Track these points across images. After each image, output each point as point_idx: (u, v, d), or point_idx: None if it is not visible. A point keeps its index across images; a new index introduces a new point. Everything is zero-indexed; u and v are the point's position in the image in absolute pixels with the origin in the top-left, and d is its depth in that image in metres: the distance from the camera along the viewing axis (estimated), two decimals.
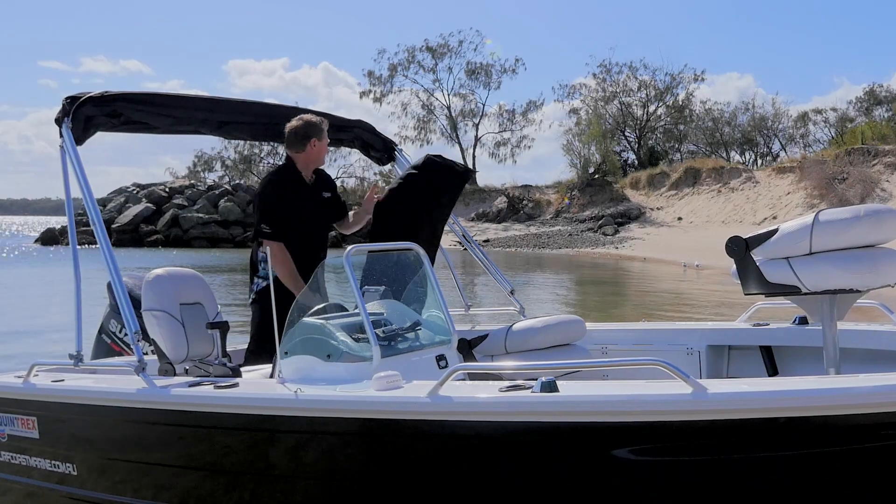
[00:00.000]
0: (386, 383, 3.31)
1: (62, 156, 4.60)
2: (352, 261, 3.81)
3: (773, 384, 3.16)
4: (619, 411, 2.93)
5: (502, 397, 3.09)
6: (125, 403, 3.99)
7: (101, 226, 4.38)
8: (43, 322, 14.58)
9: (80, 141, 4.64)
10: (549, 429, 3.02)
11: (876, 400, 2.73)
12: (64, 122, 4.62)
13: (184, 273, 4.83)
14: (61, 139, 4.62)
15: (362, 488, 3.43)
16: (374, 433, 3.33)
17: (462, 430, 3.16)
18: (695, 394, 2.83)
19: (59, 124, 4.66)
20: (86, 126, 4.67)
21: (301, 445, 3.52)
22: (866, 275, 3.71)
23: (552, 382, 3.02)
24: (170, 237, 48.88)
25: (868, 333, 4.49)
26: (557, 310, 16.54)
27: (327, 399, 3.43)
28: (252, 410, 3.60)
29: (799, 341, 4.67)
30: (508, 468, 3.14)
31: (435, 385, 3.20)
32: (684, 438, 2.87)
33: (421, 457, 3.28)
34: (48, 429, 4.39)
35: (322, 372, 3.63)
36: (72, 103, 4.61)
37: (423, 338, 3.98)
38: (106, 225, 4.55)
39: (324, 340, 3.69)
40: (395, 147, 6.15)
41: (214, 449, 3.76)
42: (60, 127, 4.64)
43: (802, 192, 41.28)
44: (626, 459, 2.95)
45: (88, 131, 4.71)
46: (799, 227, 3.71)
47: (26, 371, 4.48)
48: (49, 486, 4.44)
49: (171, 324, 4.53)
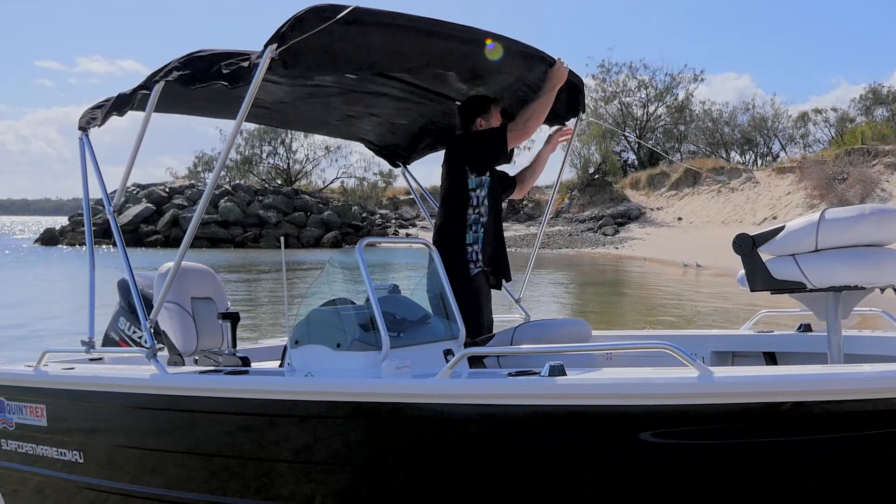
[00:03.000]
0: (395, 369, 3.35)
1: (81, 154, 4.68)
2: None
3: (778, 370, 3.21)
4: (627, 394, 2.97)
5: (511, 380, 3.13)
6: (137, 389, 4.02)
7: (115, 220, 4.53)
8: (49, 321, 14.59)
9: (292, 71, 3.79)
10: (557, 412, 3.06)
11: (879, 386, 2.77)
12: (87, 131, 4.72)
13: (196, 268, 4.89)
14: (80, 142, 4.70)
15: (372, 472, 3.46)
16: (384, 417, 3.36)
17: (471, 414, 3.19)
18: (701, 377, 2.88)
19: (86, 127, 4.73)
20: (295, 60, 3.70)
21: (311, 430, 3.55)
22: (871, 271, 3.74)
23: (560, 367, 3.06)
24: (170, 237, 48.85)
25: (872, 339, 4.52)
26: (557, 310, 16.56)
27: (336, 384, 3.47)
28: (262, 395, 3.63)
29: (802, 348, 4.70)
30: (517, 452, 3.17)
31: (445, 369, 3.24)
32: (691, 422, 2.91)
33: (430, 441, 3.31)
34: (56, 416, 4.41)
35: (331, 361, 3.66)
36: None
37: (431, 331, 4.01)
38: (106, 225, 4.62)
39: (334, 329, 3.72)
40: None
41: (224, 434, 3.78)
42: (87, 129, 4.72)
43: (802, 193, 41.32)
44: (632, 443, 2.98)
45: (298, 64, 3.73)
46: (805, 224, 3.74)
47: (37, 360, 4.52)
48: (55, 474, 4.46)
49: (183, 316, 4.59)
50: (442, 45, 4.13)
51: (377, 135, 5.75)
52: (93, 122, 4.73)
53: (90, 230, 4.75)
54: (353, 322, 3.72)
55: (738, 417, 2.86)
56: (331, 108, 5.10)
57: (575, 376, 3.07)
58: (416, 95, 4.97)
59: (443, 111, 5.25)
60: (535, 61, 4.61)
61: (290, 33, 3.62)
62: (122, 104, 4.51)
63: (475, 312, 4.51)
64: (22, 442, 4.60)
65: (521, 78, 4.75)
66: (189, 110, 5.13)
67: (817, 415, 2.81)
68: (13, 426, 4.62)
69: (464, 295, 4.26)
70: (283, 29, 3.65)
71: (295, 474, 3.62)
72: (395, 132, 5.68)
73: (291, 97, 4.77)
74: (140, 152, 4.50)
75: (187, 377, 3.95)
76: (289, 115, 5.25)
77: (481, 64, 4.34)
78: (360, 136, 5.83)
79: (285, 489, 3.65)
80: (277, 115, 5.22)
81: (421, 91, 4.92)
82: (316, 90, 4.68)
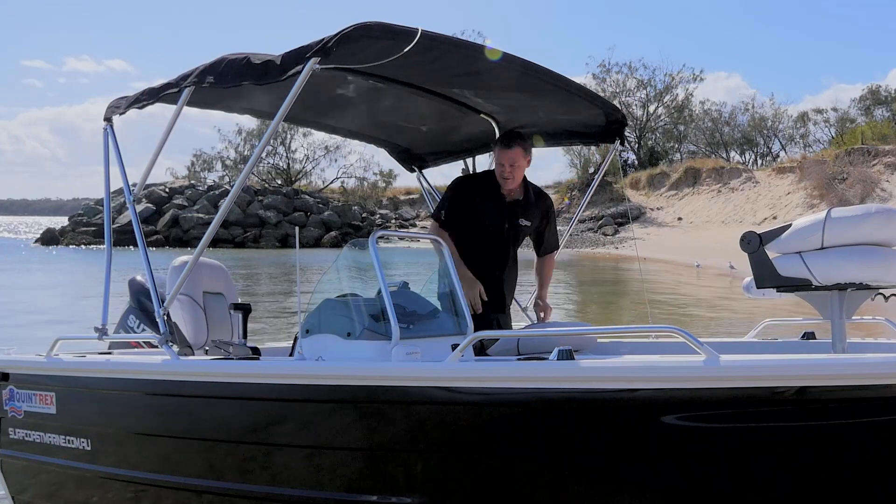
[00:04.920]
0: (405, 355, 3.39)
1: (104, 144, 4.72)
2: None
3: (784, 356, 3.24)
4: (634, 377, 3.00)
5: (521, 364, 3.18)
6: (150, 376, 4.04)
7: (134, 209, 4.53)
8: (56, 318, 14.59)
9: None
10: (566, 397, 3.09)
11: (886, 371, 2.79)
12: (111, 122, 4.73)
13: (209, 263, 4.94)
14: (104, 132, 4.72)
15: (382, 456, 3.48)
16: (394, 402, 3.38)
17: (480, 398, 3.23)
18: (707, 361, 2.90)
19: (111, 118, 4.73)
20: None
21: (321, 415, 3.57)
22: (876, 269, 3.75)
23: (569, 351, 3.11)
24: (170, 237, 48.90)
25: (875, 346, 4.54)
26: (557, 310, 16.56)
27: (347, 368, 3.51)
28: (273, 380, 3.67)
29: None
30: (526, 435, 3.19)
31: (454, 353, 3.27)
32: (698, 407, 2.94)
33: (439, 424, 3.33)
34: (66, 404, 4.44)
35: (342, 350, 3.68)
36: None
37: (440, 326, 4.04)
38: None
39: (345, 318, 3.74)
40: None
41: (236, 420, 3.81)
42: (112, 120, 4.73)
43: (802, 193, 41.35)
44: (640, 427, 3.01)
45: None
46: (811, 222, 3.76)
47: (48, 347, 4.55)
48: (62, 462, 4.49)
49: (194, 309, 4.64)
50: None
51: (401, 139, 5.81)
52: (115, 111, 4.78)
53: (109, 221, 4.83)
54: (363, 312, 3.74)
55: (744, 402, 2.89)
56: (357, 111, 5.19)
57: (583, 361, 3.11)
58: (439, 103, 5.06)
59: (466, 121, 5.32)
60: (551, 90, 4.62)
61: (336, 49, 3.59)
62: (148, 98, 4.54)
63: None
64: (30, 430, 4.63)
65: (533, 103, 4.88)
66: (218, 107, 5.19)
67: (822, 400, 2.84)
68: (22, 414, 4.65)
69: None
70: (330, 44, 3.59)
71: (306, 459, 3.63)
72: (417, 137, 5.75)
73: (316, 100, 4.84)
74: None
75: (199, 363, 4.00)
76: (309, 117, 5.36)
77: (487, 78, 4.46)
78: (384, 138, 5.87)
79: (296, 474, 3.67)
80: (306, 113, 5.29)
81: (441, 99, 5.00)
82: (340, 97, 4.82)
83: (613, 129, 5.18)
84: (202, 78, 4.14)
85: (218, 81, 4.08)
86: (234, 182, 56.24)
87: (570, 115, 5.01)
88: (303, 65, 3.64)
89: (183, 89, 4.24)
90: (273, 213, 53.06)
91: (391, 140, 5.86)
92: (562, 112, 4.98)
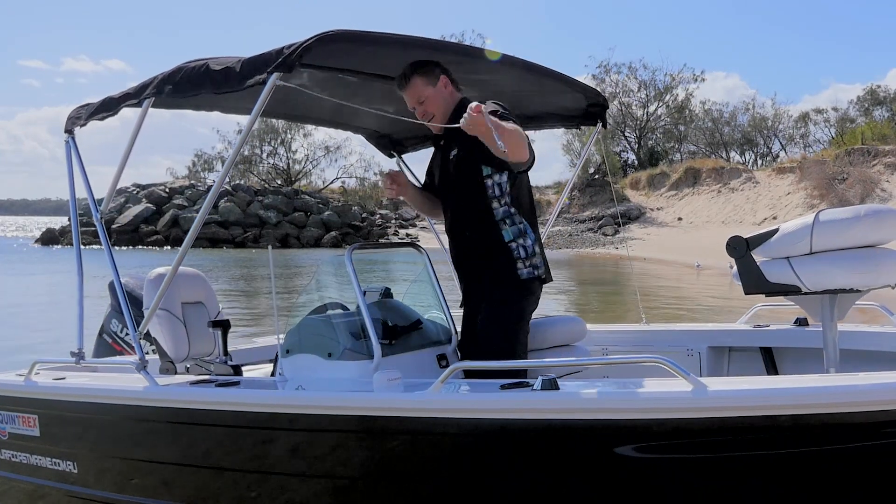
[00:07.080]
0: (387, 381, 3.30)
1: (67, 156, 4.61)
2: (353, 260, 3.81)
3: (773, 382, 3.15)
4: (620, 408, 2.93)
5: (503, 394, 3.09)
6: (126, 401, 3.98)
7: (102, 225, 4.42)
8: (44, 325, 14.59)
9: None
10: (549, 426, 3.02)
11: (876, 398, 2.72)
12: (73, 132, 4.65)
13: (186, 272, 4.79)
14: (66, 144, 4.63)
15: (363, 487, 3.43)
16: (375, 431, 3.33)
17: (463, 428, 3.16)
18: (695, 391, 2.84)
19: (72, 130, 4.66)
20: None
21: (302, 444, 3.52)
22: (866, 274, 3.71)
23: (553, 380, 3.03)
24: (170, 237, 48.83)
25: (868, 335, 4.50)
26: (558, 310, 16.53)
27: (328, 397, 3.44)
28: (253, 408, 3.60)
29: (799, 342, 4.68)
30: (509, 466, 3.14)
31: (436, 383, 3.20)
32: (685, 436, 2.87)
33: (421, 455, 3.28)
34: (49, 427, 4.39)
35: (323, 370, 3.63)
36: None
37: (423, 337, 3.98)
38: (106, 225, 4.52)
39: (325, 338, 3.69)
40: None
41: (215, 447, 3.76)
42: (73, 132, 4.65)
43: (802, 193, 41.28)
44: (626, 457, 2.95)
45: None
46: (799, 226, 3.71)
47: (27, 369, 4.48)
48: (49, 484, 4.44)
49: (173, 322, 4.52)
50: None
51: (373, 124, 5.62)
52: (77, 122, 4.69)
53: (77, 235, 4.62)
54: (344, 331, 3.69)
55: (733, 431, 2.83)
56: (327, 100, 5.06)
57: (568, 390, 3.02)
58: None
59: None
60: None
61: (298, 62, 3.53)
62: (106, 109, 4.48)
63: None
64: (16, 451, 4.58)
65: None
66: (187, 107, 5.09)
67: (812, 428, 2.77)
68: (6, 436, 4.60)
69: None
70: (292, 57, 3.51)
71: (286, 486, 3.59)
72: (390, 122, 5.48)
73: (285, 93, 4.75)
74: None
75: (177, 389, 3.88)
76: (277, 109, 5.22)
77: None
78: (357, 125, 5.71)
79: (276, 501, 3.63)
80: (276, 106, 5.11)
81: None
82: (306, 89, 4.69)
83: (594, 111, 5.03)
84: (161, 88, 4.09)
85: (176, 91, 4.03)
86: (234, 182, 55.92)
87: (550, 96, 4.83)
88: (263, 76, 3.57)
89: (143, 101, 4.19)
90: (273, 213, 52.99)
91: (365, 126, 5.69)
92: (541, 95, 4.81)
